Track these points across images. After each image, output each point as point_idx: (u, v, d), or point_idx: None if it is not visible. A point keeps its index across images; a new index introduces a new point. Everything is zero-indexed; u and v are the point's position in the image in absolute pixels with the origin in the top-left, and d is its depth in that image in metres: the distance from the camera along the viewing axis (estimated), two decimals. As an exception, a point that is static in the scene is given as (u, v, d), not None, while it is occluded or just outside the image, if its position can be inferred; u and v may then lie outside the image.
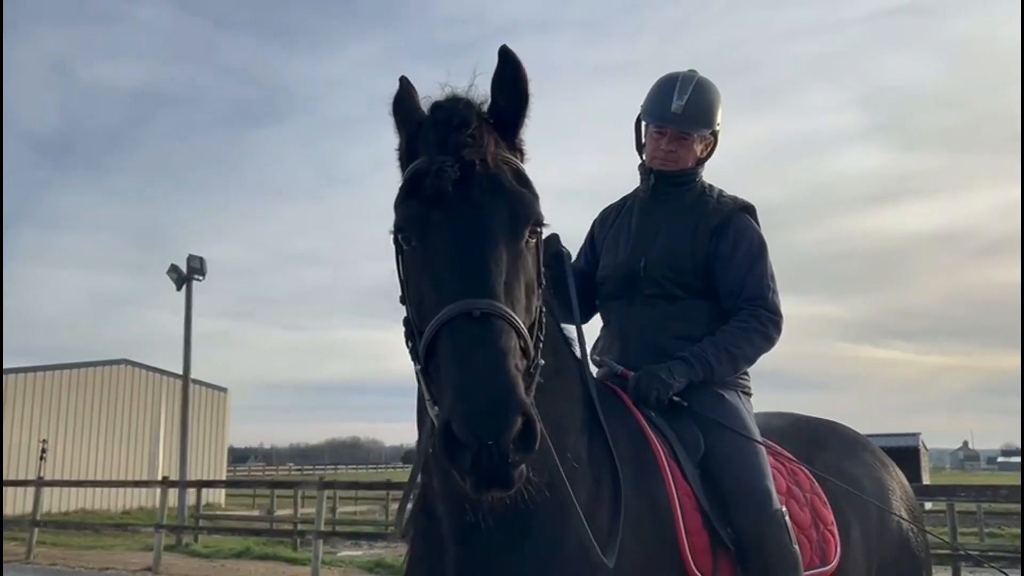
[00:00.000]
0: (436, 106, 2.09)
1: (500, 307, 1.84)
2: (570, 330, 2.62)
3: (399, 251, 2.09)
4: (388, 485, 20.81)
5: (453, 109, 2.05)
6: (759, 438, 2.84)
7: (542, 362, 2.00)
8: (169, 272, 23.11)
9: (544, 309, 2.36)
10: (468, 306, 1.82)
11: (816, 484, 2.98)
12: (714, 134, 3.14)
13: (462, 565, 2.22)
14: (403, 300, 2.10)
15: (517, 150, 2.16)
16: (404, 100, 2.19)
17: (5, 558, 15.66)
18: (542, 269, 2.14)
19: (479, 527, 2.13)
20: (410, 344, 2.03)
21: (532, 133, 2.65)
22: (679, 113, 3.02)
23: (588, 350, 2.68)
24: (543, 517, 2.20)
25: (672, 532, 2.43)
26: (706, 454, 2.70)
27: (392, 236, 2.08)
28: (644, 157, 3.20)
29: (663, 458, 2.55)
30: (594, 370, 2.90)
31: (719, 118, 3.12)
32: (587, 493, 2.30)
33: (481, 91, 2.12)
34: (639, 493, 2.43)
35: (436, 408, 1.88)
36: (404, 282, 2.09)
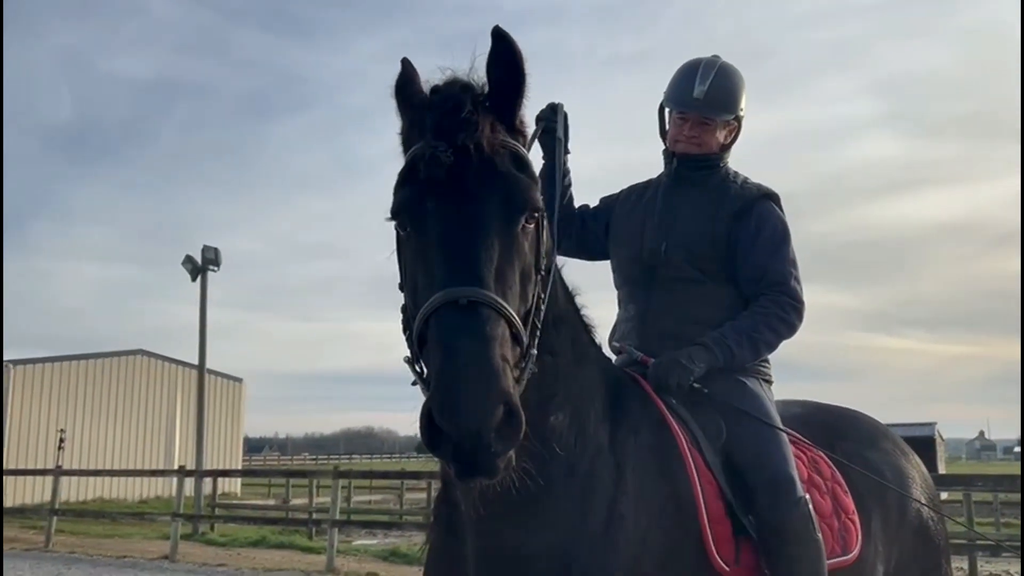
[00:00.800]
0: (434, 90, 2.07)
1: (488, 295, 1.82)
2: (590, 317, 2.57)
3: (397, 237, 2.08)
4: (402, 474, 20.97)
5: (449, 93, 2.02)
6: (781, 425, 2.81)
7: (534, 352, 1.97)
8: (184, 263, 23.24)
9: (560, 298, 2.34)
10: (455, 294, 1.80)
11: (837, 472, 2.96)
12: (738, 119, 3.11)
13: (482, 550, 2.21)
14: (401, 287, 2.09)
15: (518, 132, 2.12)
16: (406, 84, 2.16)
17: (25, 546, 15.87)
18: (542, 255, 2.10)
19: (496, 513, 2.12)
20: (407, 333, 2.02)
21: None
22: (701, 99, 3.00)
23: (607, 335, 2.64)
24: (563, 503, 2.20)
25: (695, 520, 2.41)
26: (728, 441, 2.68)
27: (390, 222, 2.06)
28: (667, 143, 3.18)
29: (684, 446, 2.52)
30: (613, 357, 2.90)
31: (743, 103, 3.09)
32: (609, 480, 2.29)
33: (482, 74, 2.08)
34: (661, 481, 2.41)
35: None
36: (401, 269, 2.09)
